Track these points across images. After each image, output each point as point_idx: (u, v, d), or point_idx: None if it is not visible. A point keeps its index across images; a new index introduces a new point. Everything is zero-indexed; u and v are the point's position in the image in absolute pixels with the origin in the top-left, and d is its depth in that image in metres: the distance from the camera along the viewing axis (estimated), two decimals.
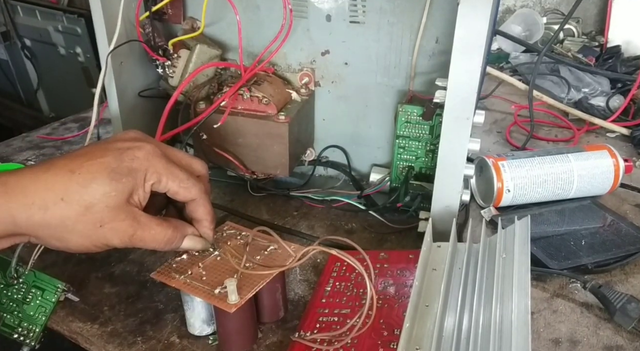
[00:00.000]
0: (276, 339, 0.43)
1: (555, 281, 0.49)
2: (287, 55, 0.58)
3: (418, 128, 0.55)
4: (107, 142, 0.38)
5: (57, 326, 0.45)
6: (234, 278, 0.39)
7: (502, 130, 0.80)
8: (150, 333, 0.43)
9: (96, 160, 0.36)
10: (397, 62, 0.56)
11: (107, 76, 0.51)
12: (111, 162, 0.36)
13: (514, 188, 0.57)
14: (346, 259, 0.38)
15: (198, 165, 0.43)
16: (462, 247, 0.45)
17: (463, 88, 0.44)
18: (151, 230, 0.38)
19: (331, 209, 0.60)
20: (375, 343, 0.39)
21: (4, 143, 0.74)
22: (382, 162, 0.61)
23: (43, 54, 1.48)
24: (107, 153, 0.37)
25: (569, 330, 0.44)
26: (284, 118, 0.54)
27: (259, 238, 0.45)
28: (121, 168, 0.36)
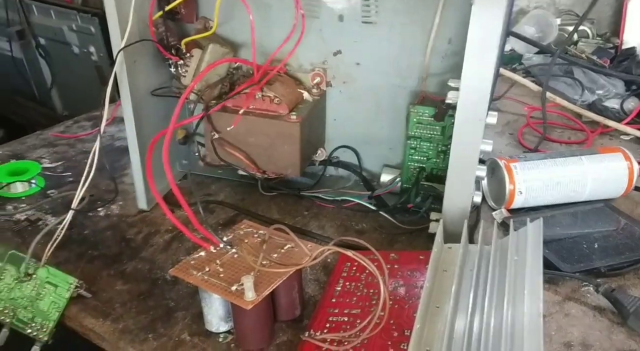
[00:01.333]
0: (286, 338, 0.43)
1: (568, 284, 0.49)
2: (299, 55, 0.58)
3: (430, 129, 0.54)
4: None
5: (70, 322, 0.46)
6: (250, 275, 0.39)
7: (514, 131, 0.79)
8: (162, 330, 0.44)
9: None
10: (409, 63, 0.56)
11: (120, 74, 0.52)
12: None
13: (526, 190, 0.57)
14: (362, 261, 0.37)
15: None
16: (473, 248, 0.45)
17: (476, 90, 0.44)
18: None
19: (342, 209, 0.60)
20: (385, 343, 0.39)
21: (19, 141, 0.74)
22: (393, 162, 0.61)
23: (57, 53, 1.49)
24: None
25: (582, 334, 0.43)
26: (295, 118, 0.54)
27: (276, 237, 0.45)
28: None
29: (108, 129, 0.76)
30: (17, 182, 0.61)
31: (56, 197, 0.61)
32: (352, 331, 0.39)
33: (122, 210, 0.59)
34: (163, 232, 0.56)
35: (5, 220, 0.57)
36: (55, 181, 0.65)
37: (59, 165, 0.68)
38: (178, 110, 0.49)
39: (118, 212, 0.59)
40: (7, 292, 0.45)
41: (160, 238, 0.55)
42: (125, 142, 0.56)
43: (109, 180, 0.63)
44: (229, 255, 0.44)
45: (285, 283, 0.41)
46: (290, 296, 0.43)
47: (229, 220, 0.58)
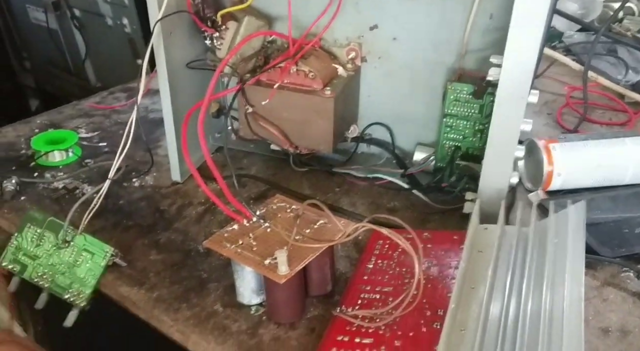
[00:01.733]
0: (317, 313, 0.43)
1: (607, 269, 0.47)
2: (335, 29, 0.57)
3: (467, 107, 0.53)
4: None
5: (106, 289, 0.47)
6: (284, 249, 0.39)
7: (553, 112, 0.77)
8: (195, 300, 0.44)
9: None
10: (448, 39, 0.54)
11: (157, 46, 0.52)
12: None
13: (565, 172, 0.55)
14: (397, 239, 0.37)
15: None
16: (510, 229, 0.44)
17: (519, 67, 0.43)
18: None
19: (373, 187, 0.59)
20: (418, 322, 0.39)
21: (56, 111, 0.76)
22: (427, 141, 0.60)
23: (91, 24, 1.51)
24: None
25: (620, 320, 0.42)
26: (329, 93, 0.54)
27: (309, 212, 0.45)
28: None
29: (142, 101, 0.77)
30: (55, 151, 0.62)
31: (92, 167, 0.62)
32: (385, 308, 0.39)
33: (156, 182, 0.60)
34: (196, 204, 0.56)
35: (43, 187, 0.59)
36: (91, 151, 0.66)
37: (95, 136, 0.69)
38: (213, 83, 0.49)
39: (152, 183, 0.60)
40: (46, 258, 0.46)
41: (193, 210, 0.56)
42: (158, 114, 0.56)
43: (143, 152, 0.63)
44: (262, 229, 0.44)
45: (317, 258, 0.41)
46: (322, 272, 0.43)
47: (260, 194, 0.58)
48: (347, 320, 0.40)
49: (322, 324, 0.42)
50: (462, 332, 0.35)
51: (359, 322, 0.39)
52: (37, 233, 0.47)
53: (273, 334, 0.41)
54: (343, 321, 0.40)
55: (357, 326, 0.39)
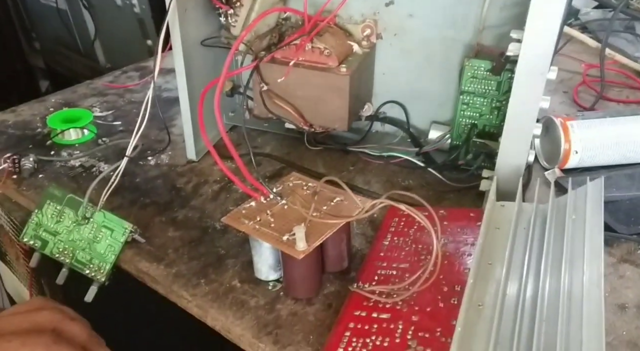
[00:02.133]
0: (334, 289, 0.44)
1: (623, 246, 0.47)
2: (349, 6, 0.56)
3: (485, 84, 0.53)
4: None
5: (125, 265, 0.47)
6: (302, 226, 0.39)
7: (569, 90, 0.76)
8: (213, 276, 0.45)
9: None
10: (466, 14, 0.53)
11: (172, 23, 0.51)
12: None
13: (582, 150, 0.55)
14: (415, 215, 0.37)
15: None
16: (527, 207, 0.44)
17: (541, 41, 0.42)
18: None
19: (388, 165, 0.59)
20: (435, 297, 0.39)
21: (70, 90, 0.76)
22: (442, 119, 0.60)
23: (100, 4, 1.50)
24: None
25: (636, 296, 0.42)
26: (345, 70, 0.53)
27: (325, 189, 0.45)
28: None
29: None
30: (71, 129, 0.63)
31: (108, 145, 0.62)
32: (402, 284, 0.39)
33: (172, 160, 0.60)
34: (212, 182, 0.57)
35: (60, 165, 0.59)
36: (106, 129, 0.66)
37: (109, 114, 0.69)
38: (229, 60, 0.49)
39: (167, 162, 0.60)
40: (67, 234, 0.47)
41: (209, 188, 0.56)
42: (172, 93, 0.56)
43: (157, 131, 0.64)
44: (279, 205, 0.44)
45: (334, 235, 0.41)
46: (339, 248, 0.44)
47: (276, 173, 0.59)
48: (364, 296, 0.40)
49: (339, 300, 0.42)
50: (479, 308, 0.36)
51: (376, 297, 0.39)
52: (57, 209, 0.47)
53: (290, 309, 0.42)
54: (360, 297, 0.40)
55: (374, 302, 0.40)
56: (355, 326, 0.38)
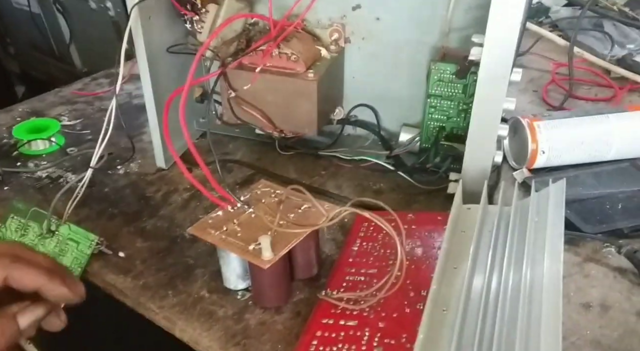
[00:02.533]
0: (303, 296, 0.44)
1: (589, 245, 0.48)
2: (317, 10, 0.56)
3: (451, 87, 0.53)
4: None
5: (92, 278, 0.47)
6: (268, 235, 0.39)
7: (539, 89, 0.77)
8: (181, 287, 0.45)
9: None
10: (431, 17, 0.53)
11: (135, 31, 0.51)
12: None
13: (549, 149, 0.55)
14: (378, 222, 0.37)
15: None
16: (492, 209, 0.44)
17: (501, 45, 0.42)
18: None
19: (359, 169, 0.59)
20: (402, 303, 0.39)
21: (38, 99, 0.75)
22: (412, 121, 0.60)
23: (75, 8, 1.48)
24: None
25: (601, 295, 0.43)
26: (312, 75, 0.53)
27: (293, 197, 0.45)
28: None
29: (125, 87, 0.76)
30: (38, 140, 0.62)
31: (76, 155, 0.61)
32: (369, 290, 0.39)
33: (141, 169, 0.60)
34: (181, 191, 0.56)
35: (27, 177, 0.58)
36: (74, 139, 0.65)
37: (77, 123, 0.68)
38: (194, 67, 0.48)
39: (137, 170, 0.59)
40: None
41: (178, 196, 0.55)
42: (143, 100, 0.56)
43: (127, 139, 0.63)
44: (247, 214, 0.44)
45: (302, 242, 0.41)
46: (307, 256, 0.43)
47: (246, 179, 0.58)
48: (332, 303, 0.40)
49: (308, 307, 0.42)
50: (444, 312, 0.36)
51: (343, 305, 0.39)
52: (21, 223, 0.46)
53: (259, 319, 0.42)
54: (328, 305, 0.40)
55: (342, 309, 0.40)
56: (322, 334, 0.38)
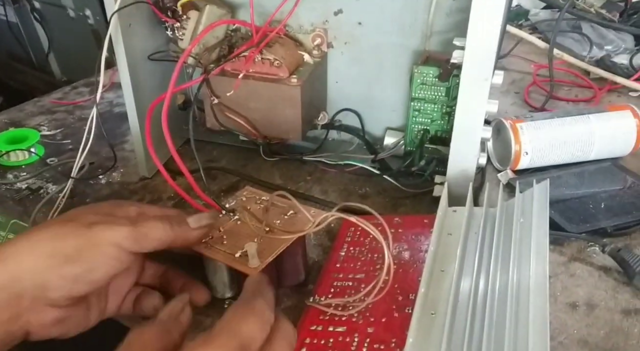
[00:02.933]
0: (291, 303, 0.43)
1: (573, 245, 0.48)
2: (299, 15, 0.56)
3: (434, 90, 0.53)
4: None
5: None
6: (254, 242, 0.39)
7: (520, 90, 0.78)
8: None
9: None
10: (413, 21, 0.54)
11: (115, 39, 0.50)
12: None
13: (532, 150, 0.56)
14: (365, 226, 0.37)
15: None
16: (478, 211, 0.44)
17: (482, 48, 0.43)
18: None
19: (345, 173, 0.59)
20: (390, 307, 0.39)
21: (17, 109, 0.73)
22: (396, 125, 0.60)
23: (53, 17, 1.46)
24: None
25: (587, 294, 0.43)
26: (296, 81, 0.53)
27: (279, 203, 0.45)
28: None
29: (106, 95, 0.75)
30: (17, 150, 0.61)
31: (56, 165, 0.60)
32: (357, 296, 0.39)
33: (124, 178, 0.59)
34: (165, 199, 0.56)
35: (6, 189, 0.57)
36: (54, 149, 0.64)
37: (58, 133, 0.67)
38: (176, 74, 0.48)
39: (119, 180, 0.59)
40: None
41: (162, 205, 0.55)
42: (124, 108, 0.55)
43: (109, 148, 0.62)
44: (232, 222, 0.43)
45: (288, 249, 0.41)
46: (294, 262, 0.43)
47: (231, 186, 0.58)
48: (320, 310, 0.40)
49: (297, 314, 0.42)
50: (432, 316, 0.36)
51: (331, 311, 0.39)
52: (0, 236, 0.45)
53: None
54: (316, 311, 0.40)
55: (330, 315, 0.39)
56: (311, 341, 0.38)
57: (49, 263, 0.33)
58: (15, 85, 1.74)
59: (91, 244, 0.34)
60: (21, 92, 1.65)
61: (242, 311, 0.32)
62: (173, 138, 0.46)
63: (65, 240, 0.34)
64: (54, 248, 0.34)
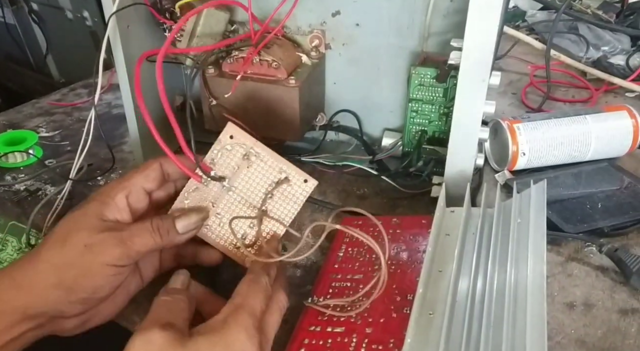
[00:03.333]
0: (290, 304, 0.43)
1: (570, 245, 0.49)
2: (297, 17, 0.57)
3: (431, 91, 0.53)
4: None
5: None
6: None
7: (518, 91, 0.78)
8: None
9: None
10: (410, 22, 0.54)
11: (113, 40, 0.50)
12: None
13: (529, 151, 0.56)
14: (361, 237, 0.37)
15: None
16: (476, 211, 0.45)
17: (479, 49, 0.43)
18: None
19: (343, 174, 0.59)
20: (388, 308, 0.39)
21: (15, 110, 0.73)
22: (394, 126, 0.60)
23: (51, 18, 1.46)
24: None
25: (584, 294, 0.44)
26: (294, 82, 0.53)
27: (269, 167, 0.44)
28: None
29: (105, 97, 0.75)
30: (15, 152, 0.61)
31: (54, 167, 0.60)
32: (355, 296, 0.39)
33: None
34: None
35: (4, 190, 0.57)
36: (53, 150, 0.64)
37: (56, 134, 0.67)
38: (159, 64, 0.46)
39: None
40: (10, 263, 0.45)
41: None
42: (123, 109, 0.55)
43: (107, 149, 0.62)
44: (225, 197, 0.43)
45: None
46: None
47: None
48: (318, 310, 0.40)
49: (295, 315, 0.42)
50: (430, 316, 0.36)
51: (330, 312, 0.39)
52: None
53: None
54: (315, 312, 0.40)
55: (329, 316, 0.39)
56: (309, 342, 0.38)
57: (57, 294, 0.36)
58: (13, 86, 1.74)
59: (89, 272, 0.36)
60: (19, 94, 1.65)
61: (254, 289, 0.37)
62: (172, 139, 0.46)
63: (66, 271, 0.36)
64: (58, 280, 0.36)
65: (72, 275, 0.36)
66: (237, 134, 0.45)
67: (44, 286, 0.36)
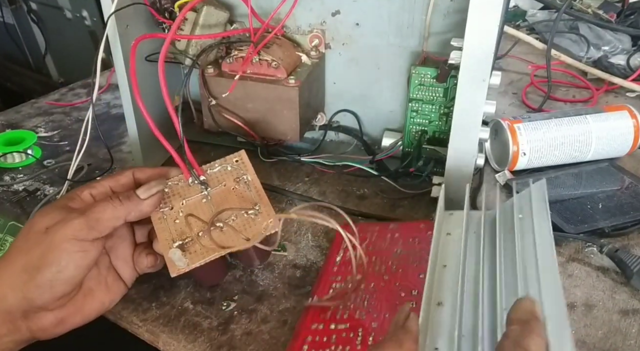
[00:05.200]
0: (289, 305, 0.43)
1: (571, 245, 0.48)
2: (297, 16, 0.56)
3: (432, 91, 0.53)
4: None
5: None
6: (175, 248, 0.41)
7: (518, 91, 0.78)
8: (164, 299, 0.44)
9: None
10: (410, 22, 0.54)
11: (113, 40, 0.50)
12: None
13: (529, 151, 0.56)
14: (311, 217, 0.38)
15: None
16: (476, 213, 0.44)
17: (480, 49, 0.43)
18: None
19: (343, 174, 0.59)
20: (394, 303, 0.39)
21: (14, 110, 0.73)
22: (394, 126, 0.60)
23: (49, 18, 1.46)
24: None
25: (585, 294, 0.43)
26: (294, 82, 0.53)
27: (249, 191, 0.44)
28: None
29: (103, 97, 0.75)
30: (14, 152, 0.61)
31: (53, 167, 0.60)
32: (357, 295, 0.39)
33: None
34: None
35: (3, 190, 0.57)
36: (52, 150, 0.64)
37: (55, 134, 0.67)
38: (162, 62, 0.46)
39: None
40: None
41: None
42: (122, 109, 0.55)
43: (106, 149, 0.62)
44: (197, 197, 0.43)
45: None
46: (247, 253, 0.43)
47: None
48: (320, 309, 0.40)
49: (294, 316, 0.42)
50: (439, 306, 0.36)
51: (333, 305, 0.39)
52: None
53: (245, 329, 0.41)
54: (316, 310, 0.40)
55: (332, 314, 0.39)
56: (313, 339, 0.38)
57: (23, 278, 0.36)
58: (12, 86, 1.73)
59: (51, 248, 0.36)
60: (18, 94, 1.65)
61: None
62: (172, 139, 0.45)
63: (30, 252, 0.36)
64: (24, 263, 0.36)
65: (35, 254, 0.36)
66: (244, 160, 0.46)
67: (12, 273, 0.36)
